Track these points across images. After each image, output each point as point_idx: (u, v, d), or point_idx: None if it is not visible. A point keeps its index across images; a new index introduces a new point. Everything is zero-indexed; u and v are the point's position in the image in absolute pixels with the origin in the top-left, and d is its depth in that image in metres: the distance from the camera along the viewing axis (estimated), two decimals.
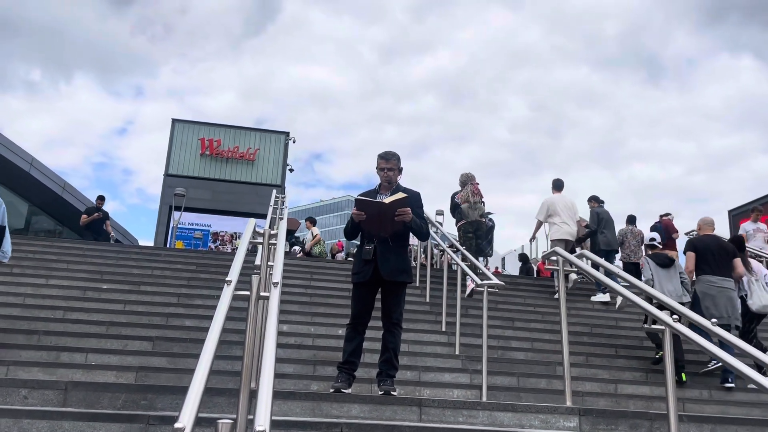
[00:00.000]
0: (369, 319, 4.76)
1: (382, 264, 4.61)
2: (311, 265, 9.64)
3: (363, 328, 4.72)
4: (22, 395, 3.96)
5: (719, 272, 6.47)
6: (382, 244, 4.64)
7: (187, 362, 5.15)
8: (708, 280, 6.46)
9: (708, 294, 6.40)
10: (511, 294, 8.87)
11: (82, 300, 6.81)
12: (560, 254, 5.00)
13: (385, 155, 4.84)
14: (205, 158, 23.56)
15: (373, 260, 4.62)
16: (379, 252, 4.63)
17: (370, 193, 4.93)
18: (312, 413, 4.02)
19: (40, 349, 5.23)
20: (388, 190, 4.85)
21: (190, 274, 8.26)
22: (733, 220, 24.17)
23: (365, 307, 4.71)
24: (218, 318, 2.40)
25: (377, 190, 4.92)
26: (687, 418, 4.31)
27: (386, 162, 4.81)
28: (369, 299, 4.72)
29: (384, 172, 4.81)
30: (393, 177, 4.83)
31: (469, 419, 4.15)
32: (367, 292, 4.71)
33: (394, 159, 4.84)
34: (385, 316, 4.70)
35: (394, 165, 4.83)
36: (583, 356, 6.57)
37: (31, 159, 19.37)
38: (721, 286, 6.40)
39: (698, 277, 6.58)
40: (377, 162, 4.86)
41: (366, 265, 4.64)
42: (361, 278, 4.67)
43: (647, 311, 3.76)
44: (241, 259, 3.30)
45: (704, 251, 6.61)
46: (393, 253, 4.68)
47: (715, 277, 6.44)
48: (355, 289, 4.78)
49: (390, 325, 4.67)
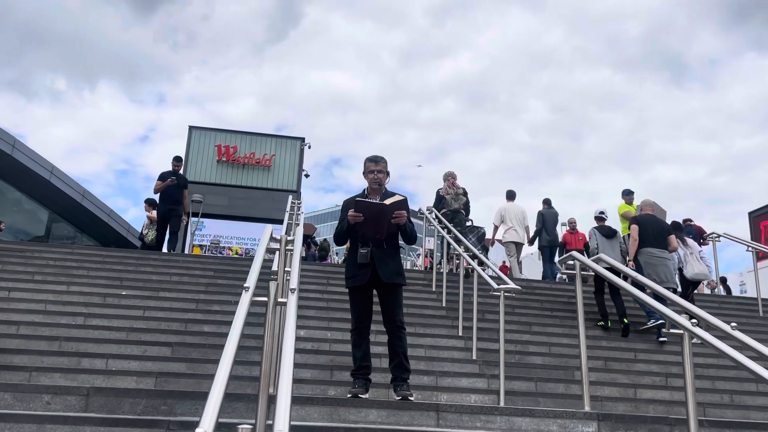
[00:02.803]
0: (371, 321, 4.82)
1: (381, 267, 4.66)
2: (327, 271, 9.66)
3: (367, 332, 4.77)
4: (45, 401, 4.03)
5: (657, 245, 7.71)
6: (378, 248, 4.68)
7: (206, 368, 5.20)
8: (649, 252, 7.68)
9: (650, 263, 7.60)
10: (528, 298, 8.83)
11: (102, 306, 6.89)
12: (577, 258, 4.98)
13: (374, 158, 4.93)
14: (221, 164, 23.73)
15: (370, 263, 4.65)
16: (376, 255, 4.67)
17: (359, 197, 4.96)
18: (330, 418, 4.04)
19: (61, 355, 5.31)
20: (378, 194, 4.89)
21: (208, 280, 8.32)
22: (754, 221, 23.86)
23: (366, 310, 4.76)
24: (237, 324, 2.43)
25: (366, 194, 4.95)
26: (708, 423, 4.27)
27: (376, 164, 4.90)
28: (368, 302, 4.78)
29: (374, 175, 4.87)
30: (382, 179, 4.90)
31: (487, 424, 4.14)
32: (365, 295, 4.76)
33: (383, 162, 4.94)
34: (389, 321, 4.71)
35: (383, 168, 4.92)
36: (602, 361, 6.52)
37: (52, 167, 19.64)
38: (660, 257, 7.67)
39: (641, 250, 7.72)
40: (365, 165, 4.95)
41: (362, 269, 4.68)
42: (358, 282, 4.71)
43: (662, 314, 3.73)
44: (258, 266, 3.33)
45: (646, 226, 7.81)
46: (389, 256, 4.74)
47: (654, 249, 7.69)
48: (352, 294, 4.81)
49: (395, 329, 4.69)
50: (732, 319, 3.97)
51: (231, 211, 23.15)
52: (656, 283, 4.48)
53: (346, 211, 4.81)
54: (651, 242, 7.70)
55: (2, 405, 4.00)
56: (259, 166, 24.03)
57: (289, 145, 24.80)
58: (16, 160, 17.64)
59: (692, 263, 8.28)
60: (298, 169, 24.51)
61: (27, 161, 18.19)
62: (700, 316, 3.53)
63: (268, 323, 3.04)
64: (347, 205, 4.88)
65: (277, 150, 24.46)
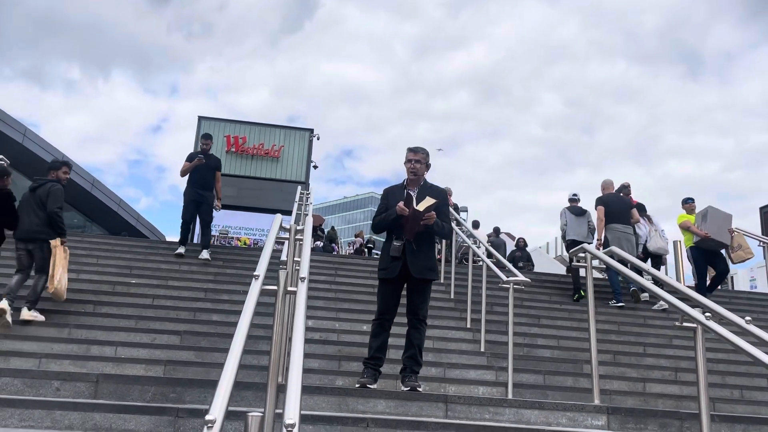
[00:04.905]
0: (395, 315, 4.76)
1: (412, 261, 4.62)
2: (336, 261, 9.66)
3: (389, 324, 4.72)
4: (54, 387, 4.04)
5: (621, 221, 8.50)
6: (411, 242, 4.64)
7: (215, 356, 5.20)
8: (615, 227, 8.44)
9: (615, 238, 8.27)
10: (537, 291, 8.79)
11: (111, 294, 6.91)
12: (589, 251, 4.94)
13: (414, 148, 4.89)
14: (230, 155, 23.71)
15: (402, 257, 4.62)
16: (408, 249, 4.63)
17: (397, 188, 4.93)
18: (338, 408, 4.03)
19: (71, 342, 5.33)
20: (415, 185, 4.84)
21: (217, 270, 8.33)
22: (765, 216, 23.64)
23: (392, 303, 4.71)
24: (247, 311, 2.41)
25: (404, 185, 4.91)
26: (718, 417, 4.24)
27: (414, 154, 4.85)
28: (395, 295, 4.73)
29: (411, 164, 4.82)
30: (420, 170, 4.84)
31: (496, 416, 4.12)
32: (393, 288, 4.71)
33: (422, 153, 4.86)
34: (412, 312, 4.69)
35: (422, 158, 4.85)
36: (611, 354, 6.48)
37: (62, 156, 19.70)
38: (624, 232, 8.45)
39: (607, 226, 8.46)
40: (405, 155, 4.89)
41: (394, 262, 4.64)
42: (389, 274, 4.67)
43: (675, 306, 3.69)
44: (268, 255, 3.31)
45: (610, 205, 8.57)
46: (422, 251, 4.68)
47: (619, 225, 8.46)
48: (381, 285, 4.78)
49: (416, 322, 4.66)
50: (743, 314, 3.92)
51: (239, 201, 23.14)
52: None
53: (387, 200, 4.83)
54: (616, 218, 8.48)
55: (12, 391, 4.02)
56: (267, 157, 24.01)
57: (297, 136, 24.77)
58: (26, 148, 17.72)
59: (655, 239, 9.13)
60: (306, 160, 24.49)
61: (38, 150, 18.27)
62: (715, 310, 3.48)
63: (278, 312, 3.02)
64: (388, 194, 4.91)
65: (285, 141, 24.44)
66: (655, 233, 9.17)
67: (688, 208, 9.42)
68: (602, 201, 8.66)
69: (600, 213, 8.53)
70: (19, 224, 6.28)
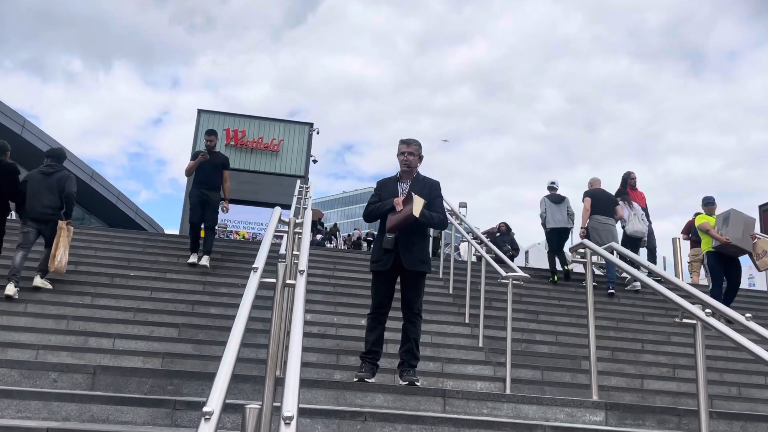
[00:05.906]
0: (390, 308, 4.75)
1: (404, 254, 4.60)
2: (334, 255, 9.65)
3: (384, 318, 4.71)
4: (51, 378, 4.03)
5: (604, 213, 9.07)
6: (404, 234, 4.62)
7: (212, 349, 5.20)
8: (597, 219, 9.00)
9: (596, 228, 8.88)
10: (536, 287, 8.79)
11: (109, 287, 6.90)
12: (589, 246, 4.93)
13: (407, 140, 4.86)
14: (229, 149, 23.66)
15: (395, 249, 4.60)
16: (400, 242, 4.61)
17: (390, 181, 4.92)
18: (336, 402, 4.03)
19: (68, 334, 5.32)
20: (409, 177, 4.83)
21: (215, 263, 8.31)
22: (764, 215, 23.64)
23: (386, 296, 4.70)
24: (246, 303, 2.40)
25: (398, 178, 4.89)
26: (716, 414, 4.23)
27: (407, 146, 4.82)
28: (389, 288, 4.72)
29: (404, 156, 4.80)
30: (413, 162, 4.82)
31: (494, 411, 4.12)
32: (386, 281, 4.70)
33: (415, 144, 4.84)
34: (406, 306, 4.68)
35: (415, 150, 4.82)
36: (609, 351, 6.48)
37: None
38: (605, 223, 8.98)
39: (591, 217, 9.00)
40: (398, 147, 4.87)
41: (386, 254, 4.63)
42: (381, 267, 4.66)
43: (673, 301, 3.67)
44: (267, 247, 3.30)
45: (597, 198, 9.16)
46: (414, 244, 4.66)
47: (601, 217, 9.01)
48: (375, 278, 4.77)
49: (411, 316, 4.65)
50: (742, 312, 3.91)
51: (238, 195, 22.98)
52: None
53: (381, 190, 4.84)
54: (600, 211, 9.06)
55: (9, 382, 4.01)
56: (267, 151, 23.97)
57: (297, 130, 24.72)
58: (25, 140, 17.69)
59: (633, 222, 9.40)
60: (306, 154, 24.45)
61: (36, 141, 18.24)
62: (715, 306, 3.47)
63: (277, 305, 3.01)
64: (381, 186, 4.92)
65: (285, 135, 24.39)
66: (634, 217, 9.42)
67: (708, 211, 8.57)
68: (589, 194, 9.31)
69: (587, 204, 9.12)
70: (29, 204, 6.62)
